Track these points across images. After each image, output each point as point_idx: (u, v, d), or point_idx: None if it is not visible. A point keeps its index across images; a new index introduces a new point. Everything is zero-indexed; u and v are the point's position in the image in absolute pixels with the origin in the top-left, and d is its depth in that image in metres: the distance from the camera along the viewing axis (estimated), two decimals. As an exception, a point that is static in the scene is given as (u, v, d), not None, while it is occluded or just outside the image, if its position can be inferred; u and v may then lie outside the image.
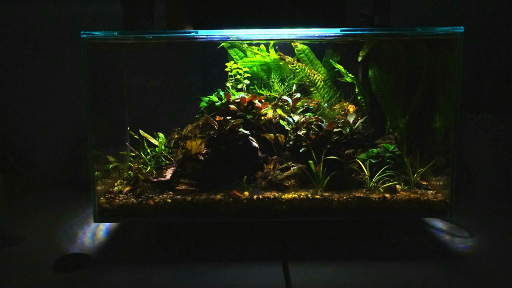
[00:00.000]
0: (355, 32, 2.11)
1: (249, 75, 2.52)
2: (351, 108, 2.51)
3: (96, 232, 2.27)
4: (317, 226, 2.21)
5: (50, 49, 2.86)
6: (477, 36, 2.85)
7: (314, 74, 2.54)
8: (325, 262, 1.95)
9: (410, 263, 1.94)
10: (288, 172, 2.16)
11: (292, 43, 2.51)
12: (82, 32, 2.00)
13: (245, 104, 2.33)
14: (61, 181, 2.95)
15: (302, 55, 2.54)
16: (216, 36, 2.17)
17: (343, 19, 2.37)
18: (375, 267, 1.90)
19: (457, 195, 2.43)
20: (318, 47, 2.58)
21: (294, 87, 2.51)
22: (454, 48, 2.01)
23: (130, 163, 2.41)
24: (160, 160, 2.28)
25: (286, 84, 2.53)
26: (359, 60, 2.43)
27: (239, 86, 2.51)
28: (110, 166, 2.28)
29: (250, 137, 2.23)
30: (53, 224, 2.37)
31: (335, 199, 2.05)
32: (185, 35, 2.12)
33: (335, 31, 2.07)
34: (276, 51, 2.52)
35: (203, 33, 2.08)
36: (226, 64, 2.51)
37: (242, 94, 2.37)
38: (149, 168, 2.24)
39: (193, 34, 2.08)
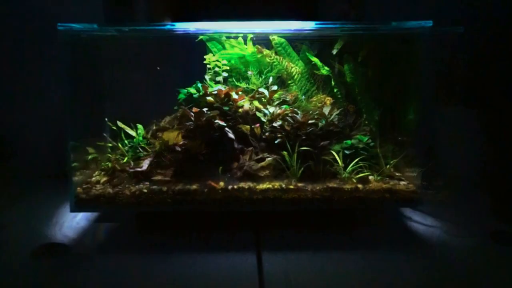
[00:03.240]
0: (330, 26, 2.10)
1: (227, 67, 2.51)
2: (328, 100, 2.50)
3: (74, 221, 2.25)
4: (291, 216, 2.21)
5: (34, 41, 2.81)
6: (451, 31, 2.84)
7: (292, 67, 2.52)
8: (298, 252, 1.95)
9: (381, 252, 1.94)
10: (263, 163, 2.16)
11: (270, 37, 2.49)
12: (59, 24, 1.97)
13: (222, 96, 2.32)
14: (47, 171, 2.91)
15: (279, 48, 2.52)
16: (194, 29, 2.15)
17: (318, 13, 2.35)
18: (348, 257, 1.91)
19: (430, 185, 2.43)
20: (296, 41, 2.56)
21: (271, 79, 2.51)
22: (424, 42, 2.01)
23: (108, 154, 2.39)
24: (138, 151, 2.27)
25: (264, 76, 2.52)
26: (334, 53, 2.42)
27: (218, 79, 2.50)
28: (89, 157, 2.26)
29: (226, 128, 2.22)
30: (34, 213, 2.35)
31: (309, 189, 2.06)
32: (162, 28, 2.09)
33: (310, 25, 2.05)
34: (254, 44, 2.50)
35: (180, 26, 2.05)
36: (205, 56, 2.49)
37: (219, 87, 2.36)
38: (126, 158, 2.23)
39: (170, 27, 2.05)
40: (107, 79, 2.60)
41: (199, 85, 2.38)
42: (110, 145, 2.40)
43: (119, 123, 2.32)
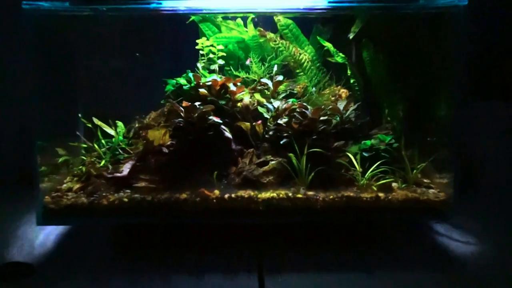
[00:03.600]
0: (346, 4, 2.10)
1: (224, 54, 2.51)
2: (344, 93, 2.50)
3: (41, 236, 2.23)
4: (299, 230, 2.20)
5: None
6: (485, 12, 2.81)
7: (300, 54, 2.53)
8: (307, 274, 1.92)
9: (406, 274, 1.92)
10: (266, 167, 2.14)
11: (274, 17, 2.49)
12: (24, 2, 1.95)
13: (218, 88, 2.31)
14: (8, 176, 2.89)
15: (286, 31, 2.53)
16: (184, 8, 2.14)
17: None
18: (365, 280, 1.88)
19: (462, 193, 2.42)
20: (305, 23, 2.57)
21: (276, 68, 2.50)
22: (456, 23, 2.00)
23: (82, 157, 2.38)
24: (117, 153, 2.26)
25: (267, 65, 2.52)
26: (351, 37, 2.42)
27: (212, 67, 2.50)
28: (59, 160, 2.25)
29: (222, 126, 2.21)
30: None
31: (320, 198, 2.04)
32: (146, 6, 2.08)
33: (322, 3, 2.06)
34: (255, 26, 2.50)
35: (168, 4, 2.04)
36: (197, 41, 2.48)
37: (214, 76, 2.35)
38: (103, 162, 2.22)
39: (155, 5, 2.04)
40: (81, 68, 2.59)
41: (190, 75, 2.36)
42: (84, 145, 2.39)
43: (95, 120, 2.32)
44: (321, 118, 2.23)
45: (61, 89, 2.41)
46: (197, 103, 2.19)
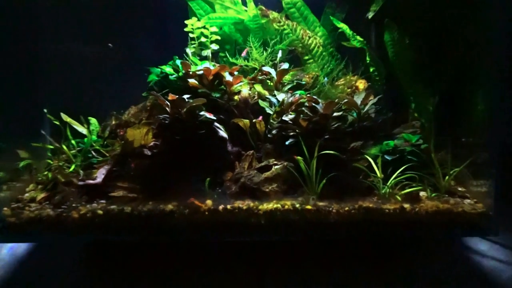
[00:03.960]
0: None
1: (218, 37, 2.50)
2: (361, 84, 2.50)
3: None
4: (308, 248, 2.19)
5: None
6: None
7: (310, 37, 2.52)
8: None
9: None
10: (268, 172, 2.13)
11: (278, -7, 2.51)
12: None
13: (211, 77, 2.30)
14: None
15: (292, 10, 2.53)
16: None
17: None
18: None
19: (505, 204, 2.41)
20: (316, 0, 2.58)
21: (280, 54, 2.49)
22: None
23: (48, 160, 2.37)
24: (90, 155, 2.26)
25: (270, 50, 2.51)
26: (370, 17, 2.41)
27: (204, 53, 2.49)
28: (21, 164, 2.25)
29: (216, 123, 2.20)
30: None
31: (334, 210, 2.02)
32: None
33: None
34: (256, 4, 2.50)
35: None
36: (187, 22, 2.48)
37: (206, 64, 2.34)
38: (73, 166, 2.21)
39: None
40: (46, 54, 2.57)
41: (178, 62, 2.36)
42: (50, 147, 2.38)
43: (64, 116, 2.30)
44: (335, 114, 2.22)
45: (21, 79, 2.40)
46: (186, 96, 2.18)
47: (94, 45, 2.80)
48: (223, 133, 2.20)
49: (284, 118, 2.23)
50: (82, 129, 2.31)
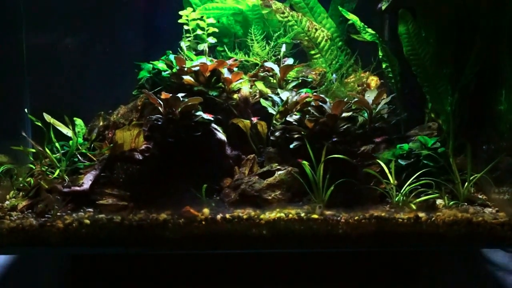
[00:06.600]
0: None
1: (216, 30, 2.51)
2: (373, 81, 2.51)
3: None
4: (314, 261, 2.20)
5: None
6: None
7: (317, 29, 2.53)
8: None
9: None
10: (271, 178, 2.15)
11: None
12: None
13: (208, 74, 2.31)
14: None
15: (297, 0, 2.52)
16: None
17: None
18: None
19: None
20: None
21: (284, 48, 2.50)
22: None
23: (30, 165, 2.39)
24: (76, 159, 2.27)
25: (273, 44, 2.51)
26: (383, 7, 2.42)
27: (200, 47, 2.50)
28: (0, 170, 2.26)
29: (213, 125, 2.22)
30: None
31: (343, 220, 2.04)
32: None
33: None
34: (258, -7, 2.52)
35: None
36: (181, 12, 2.49)
37: (203, 59, 2.35)
38: (57, 171, 2.22)
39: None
40: (28, 49, 2.59)
41: (172, 57, 2.37)
42: (32, 150, 2.39)
43: (47, 117, 2.31)
44: (344, 114, 2.23)
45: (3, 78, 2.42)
46: (180, 95, 2.19)
47: (79, 37, 2.80)
48: (221, 135, 2.22)
49: (288, 118, 2.24)
50: (67, 131, 2.32)
